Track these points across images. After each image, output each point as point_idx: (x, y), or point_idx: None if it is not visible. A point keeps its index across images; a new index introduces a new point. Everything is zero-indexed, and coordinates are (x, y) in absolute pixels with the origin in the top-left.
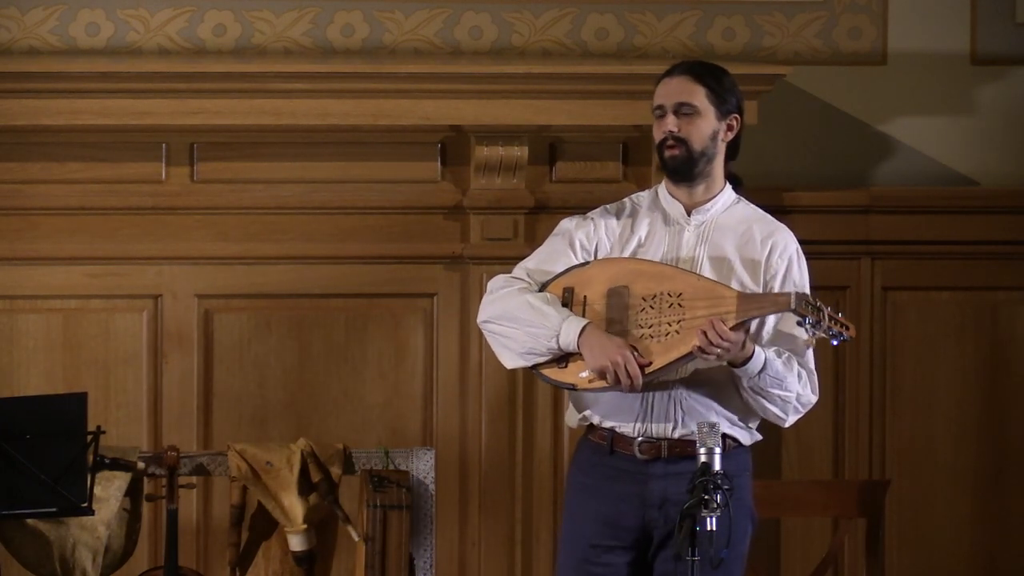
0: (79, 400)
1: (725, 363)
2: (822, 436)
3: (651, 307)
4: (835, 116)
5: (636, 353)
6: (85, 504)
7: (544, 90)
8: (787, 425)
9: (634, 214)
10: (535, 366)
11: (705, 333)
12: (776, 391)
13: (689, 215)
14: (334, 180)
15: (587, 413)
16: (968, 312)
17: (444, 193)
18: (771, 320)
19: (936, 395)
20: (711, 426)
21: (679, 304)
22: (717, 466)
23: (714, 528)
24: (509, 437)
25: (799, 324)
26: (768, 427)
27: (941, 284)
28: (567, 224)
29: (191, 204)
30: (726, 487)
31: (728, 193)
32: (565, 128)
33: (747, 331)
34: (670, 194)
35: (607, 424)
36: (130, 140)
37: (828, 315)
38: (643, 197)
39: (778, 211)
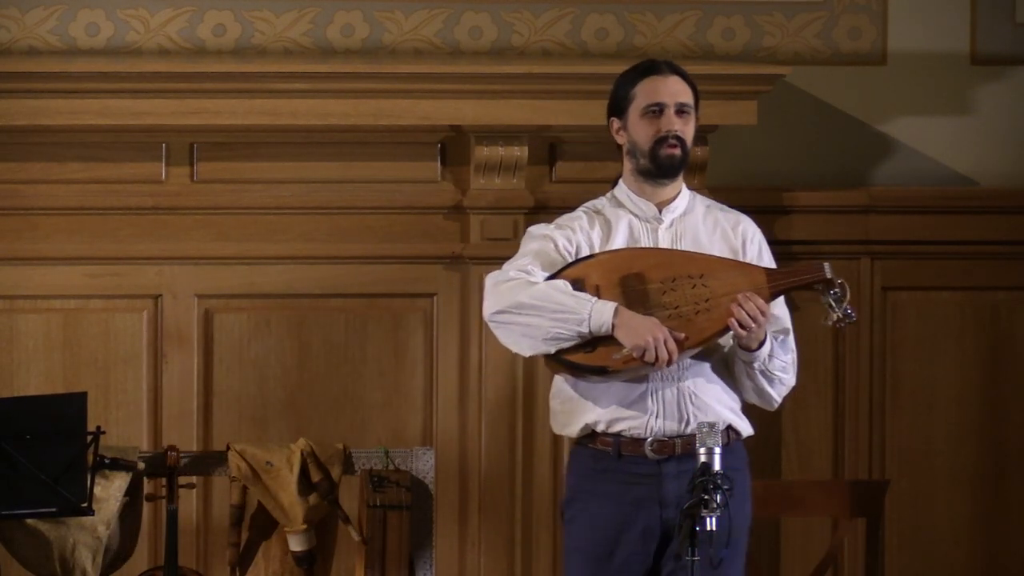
0: (79, 400)
1: (739, 346)
2: (822, 436)
3: (672, 289)
4: (835, 116)
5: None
6: (85, 504)
7: (544, 90)
8: (774, 408)
9: (604, 219)
10: (558, 352)
11: (742, 306)
12: (779, 373)
13: (660, 213)
14: (334, 180)
15: (590, 421)
16: (968, 312)
17: (444, 193)
18: None
19: (936, 395)
20: (711, 426)
21: (703, 284)
22: (717, 466)
23: (714, 528)
24: (509, 437)
25: (825, 296)
26: (766, 427)
27: (941, 284)
28: (542, 230)
29: (191, 204)
30: (726, 487)
31: (685, 188)
32: (565, 128)
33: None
34: (636, 195)
35: (613, 429)
36: (130, 140)
37: (848, 288)
38: (600, 203)
39: (778, 211)
